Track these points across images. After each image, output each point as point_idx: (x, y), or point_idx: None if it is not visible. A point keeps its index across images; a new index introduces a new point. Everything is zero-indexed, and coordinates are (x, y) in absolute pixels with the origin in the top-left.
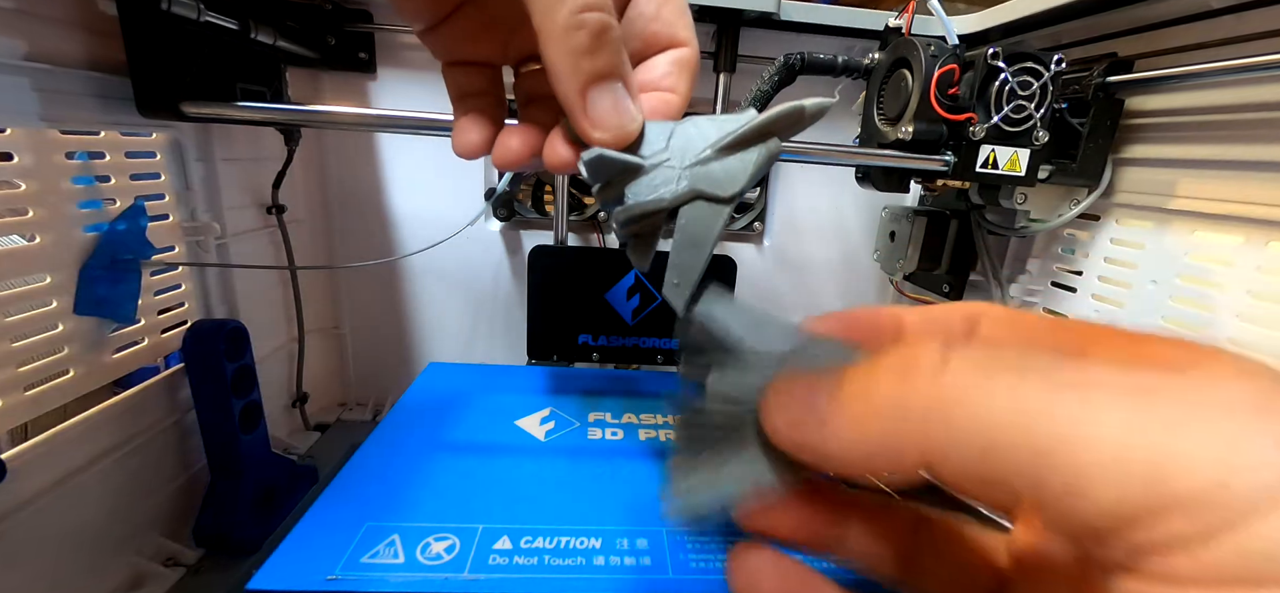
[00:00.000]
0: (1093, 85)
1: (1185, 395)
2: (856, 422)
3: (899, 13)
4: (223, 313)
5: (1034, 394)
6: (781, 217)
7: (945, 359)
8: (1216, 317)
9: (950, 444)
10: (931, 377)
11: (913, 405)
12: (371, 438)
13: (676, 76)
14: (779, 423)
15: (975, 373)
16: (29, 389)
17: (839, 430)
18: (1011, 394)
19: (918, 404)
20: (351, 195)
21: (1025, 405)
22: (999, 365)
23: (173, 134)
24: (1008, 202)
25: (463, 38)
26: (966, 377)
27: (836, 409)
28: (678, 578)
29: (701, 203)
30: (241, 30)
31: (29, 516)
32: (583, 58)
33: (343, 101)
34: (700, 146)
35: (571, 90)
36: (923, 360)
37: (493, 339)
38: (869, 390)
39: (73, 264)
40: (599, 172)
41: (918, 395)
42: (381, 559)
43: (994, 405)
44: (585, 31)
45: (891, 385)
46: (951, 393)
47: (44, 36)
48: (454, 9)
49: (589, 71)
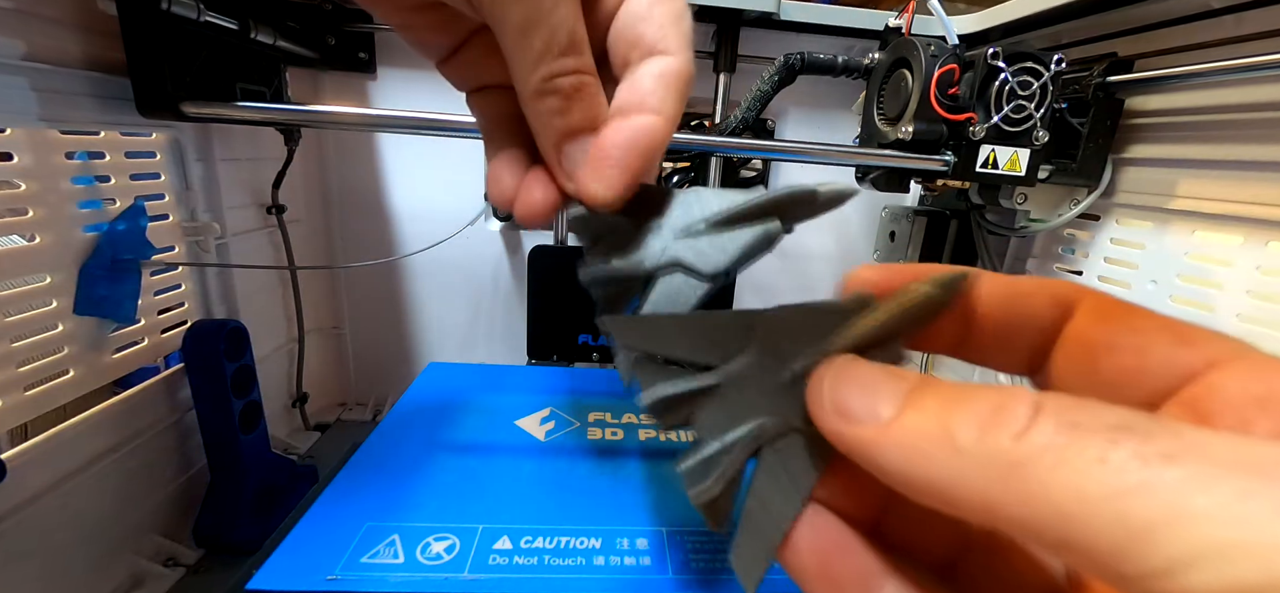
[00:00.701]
0: (1093, 85)
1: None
2: (920, 451)
3: (899, 13)
4: (223, 313)
5: (1129, 467)
6: None
7: (1034, 418)
8: (1216, 317)
9: (1025, 510)
10: (1015, 435)
11: (989, 461)
12: (371, 438)
13: (662, 95)
14: (828, 406)
15: (1064, 436)
16: (29, 389)
17: (898, 449)
18: (1102, 467)
19: (995, 461)
20: (351, 195)
21: (1118, 481)
22: (1090, 428)
23: (173, 134)
24: (1008, 202)
25: (479, 64)
26: (1054, 440)
27: (901, 426)
28: (678, 578)
29: (680, 275)
30: (241, 30)
31: (29, 516)
32: (555, 118)
33: (343, 101)
34: (696, 216)
35: (547, 147)
36: (1010, 414)
37: (493, 339)
38: (944, 426)
39: (73, 264)
40: (586, 229)
41: (996, 452)
42: (381, 559)
43: (1081, 478)
44: (557, 96)
45: (969, 431)
46: (1035, 458)
47: (44, 36)
48: (467, 38)
49: (561, 129)
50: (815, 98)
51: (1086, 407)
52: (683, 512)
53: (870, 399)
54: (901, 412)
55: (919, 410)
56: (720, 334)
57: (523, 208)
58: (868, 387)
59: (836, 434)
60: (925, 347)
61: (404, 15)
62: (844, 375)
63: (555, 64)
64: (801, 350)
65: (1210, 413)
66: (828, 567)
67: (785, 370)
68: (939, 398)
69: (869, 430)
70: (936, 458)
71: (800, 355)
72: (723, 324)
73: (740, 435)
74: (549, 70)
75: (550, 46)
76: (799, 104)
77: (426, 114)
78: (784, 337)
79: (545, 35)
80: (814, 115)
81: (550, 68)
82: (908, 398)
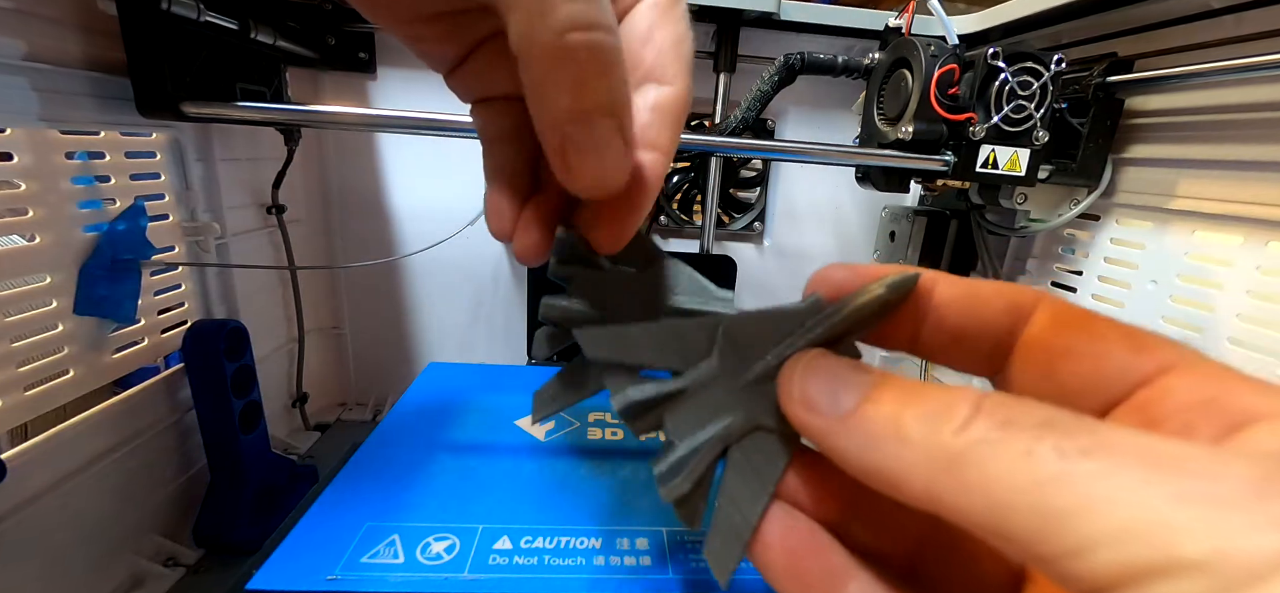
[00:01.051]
0: (1093, 85)
1: (1198, 468)
2: (874, 439)
3: (899, 13)
4: (223, 313)
5: (1049, 460)
6: (781, 216)
7: (973, 415)
8: (1216, 317)
9: (962, 498)
10: (956, 430)
11: (933, 451)
12: (371, 438)
13: (659, 127)
14: (796, 398)
15: (997, 432)
16: (29, 389)
17: (855, 437)
18: (1027, 459)
19: (938, 452)
20: (351, 195)
21: (1039, 472)
22: (1021, 425)
23: (173, 134)
24: (1008, 202)
25: (486, 74)
26: (988, 434)
27: (859, 417)
28: (678, 578)
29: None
30: (241, 30)
31: (29, 516)
32: (564, 93)
33: (343, 101)
34: (758, 354)
35: (546, 129)
36: (954, 410)
37: (493, 339)
38: (896, 419)
39: (73, 264)
40: (563, 250)
41: (939, 444)
42: (381, 559)
43: (1009, 469)
44: (570, 62)
45: (917, 425)
46: (971, 450)
47: (44, 36)
48: (474, 47)
49: (569, 109)
50: (815, 98)
51: (1020, 405)
52: None
53: (834, 391)
54: (860, 404)
55: (876, 404)
56: (686, 341)
57: (521, 245)
58: (833, 380)
59: (802, 423)
60: (882, 343)
61: (414, 27)
62: (811, 369)
63: (569, 9)
64: (762, 352)
65: (1159, 417)
66: (796, 563)
67: (748, 371)
68: (895, 393)
69: (830, 421)
70: (888, 448)
71: (761, 357)
72: (687, 330)
73: (709, 436)
74: (563, 18)
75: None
76: (799, 104)
77: (426, 114)
78: (745, 340)
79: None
80: (814, 115)
81: (565, 14)
82: (868, 392)
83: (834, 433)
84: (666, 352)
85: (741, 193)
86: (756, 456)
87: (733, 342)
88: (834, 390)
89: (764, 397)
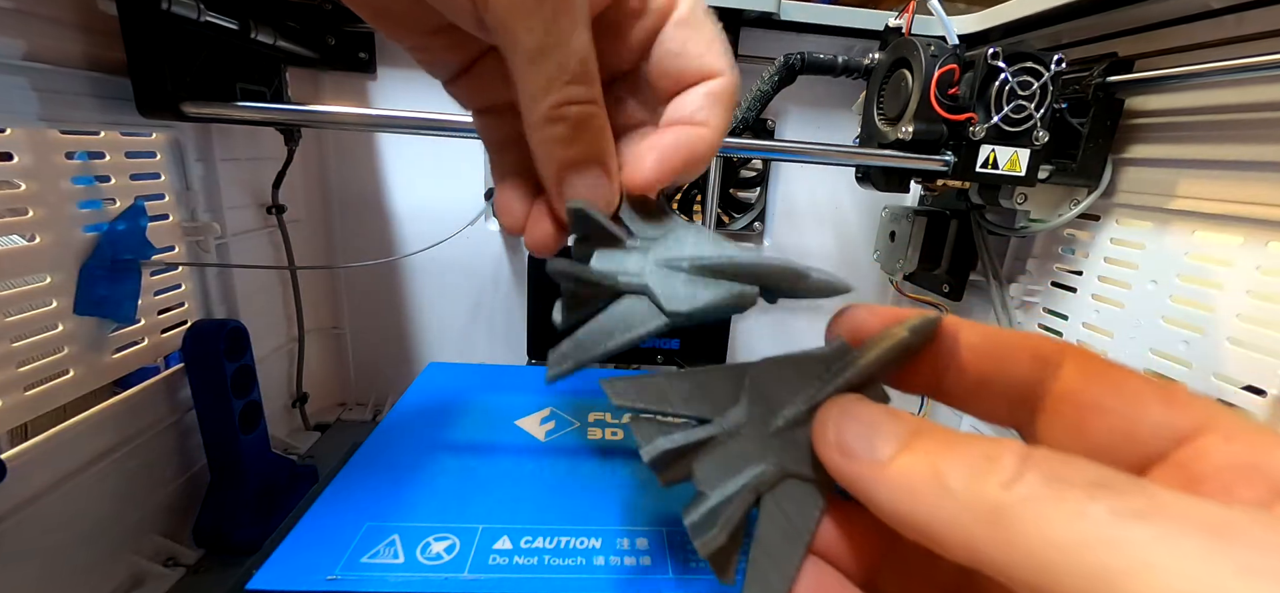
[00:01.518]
0: (1093, 85)
1: (1260, 538)
2: (912, 489)
3: (899, 13)
4: (223, 313)
5: (1102, 521)
6: (781, 216)
7: (1021, 470)
8: (1216, 317)
9: (1004, 553)
10: (1002, 484)
11: (975, 504)
12: (371, 438)
13: (709, 108)
14: (832, 443)
15: (1046, 488)
16: (29, 389)
17: (892, 488)
18: (1079, 519)
19: (981, 505)
20: (351, 195)
21: (1091, 533)
22: (1071, 483)
23: (173, 134)
24: (1008, 202)
25: (488, 85)
26: (1037, 490)
27: (898, 466)
28: (678, 578)
29: (644, 302)
30: (241, 30)
31: (29, 516)
32: (559, 147)
33: (343, 101)
34: (684, 253)
35: (548, 176)
36: (999, 463)
37: (493, 339)
38: (936, 469)
39: (73, 264)
40: (579, 224)
41: (982, 496)
42: (381, 559)
43: (1059, 527)
44: (564, 125)
45: (959, 476)
46: (1018, 506)
47: (44, 36)
48: (477, 57)
49: (563, 160)
50: (815, 98)
51: (1071, 462)
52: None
53: (870, 438)
54: (898, 453)
55: (914, 453)
56: (712, 389)
57: (533, 238)
58: (869, 426)
59: (838, 470)
60: (906, 387)
61: (419, 38)
62: (847, 414)
63: (565, 91)
64: (789, 399)
65: (1199, 477)
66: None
67: (777, 419)
68: (934, 442)
69: (867, 468)
70: (927, 499)
71: (789, 404)
72: (714, 379)
73: (740, 485)
74: (559, 97)
75: (561, 72)
76: (799, 104)
77: (426, 114)
78: (771, 387)
79: (557, 61)
80: (814, 115)
81: (560, 95)
82: (906, 440)
83: (871, 481)
84: (693, 400)
85: (741, 193)
86: (789, 505)
87: (759, 389)
88: (870, 437)
89: (794, 444)
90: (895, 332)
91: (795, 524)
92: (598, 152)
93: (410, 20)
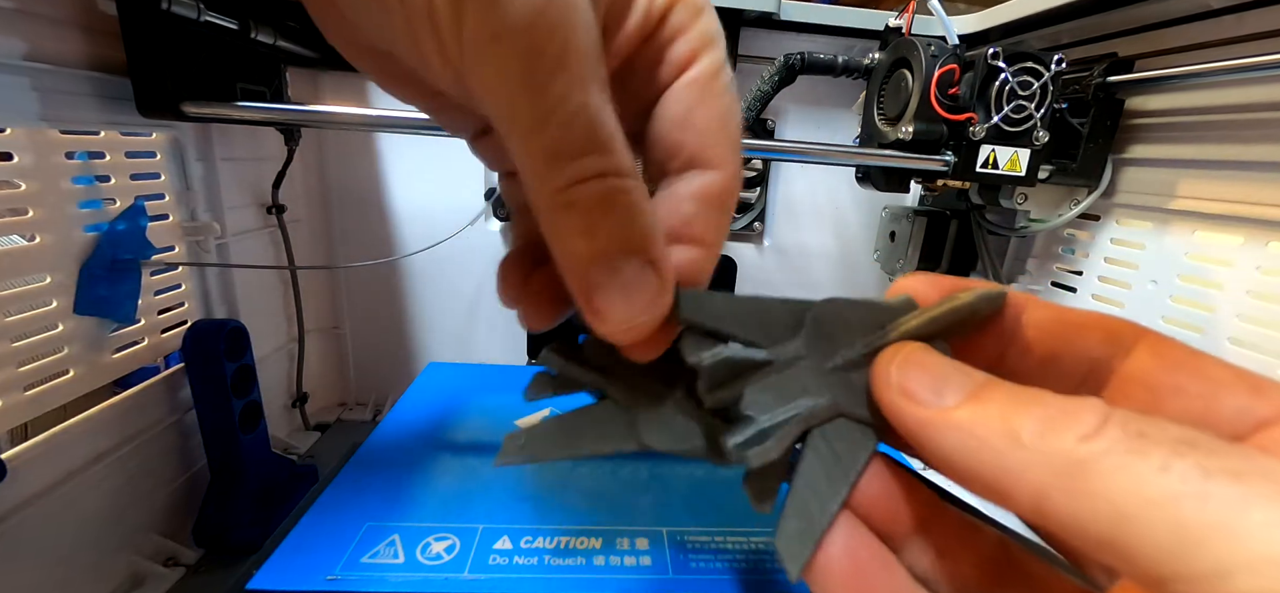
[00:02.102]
0: (1093, 85)
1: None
2: (980, 439)
3: (899, 13)
4: (223, 313)
5: (1191, 477)
6: (781, 216)
7: (1100, 425)
8: (1216, 317)
9: (1079, 506)
10: (1081, 437)
11: (1051, 456)
12: (371, 438)
13: (703, 220)
14: (895, 384)
15: (1131, 441)
16: (29, 389)
17: (958, 433)
18: (1164, 474)
19: (1057, 458)
20: (351, 195)
21: (1178, 488)
22: (1157, 440)
23: (173, 134)
24: (1008, 202)
25: (505, 149)
26: (1119, 444)
27: (965, 413)
28: (678, 578)
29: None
30: (241, 30)
31: (29, 516)
32: (575, 240)
33: (343, 101)
34: (846, 342)
35: (571, 281)
36: (1077, 417)
37: (492, 339)
38: (1008, 419)
39: (73, 264)
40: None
41: (1059, 449)
42: (381, 559)
43: (1142, 481)
44: (577, 211)
45: (1033, 428)
46: (1098, 459)
47: (44, 36)
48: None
49: (585, 255)
50: (815, 98)
51: (1153, 420)
52: (683, 512)
53: (936, 384)
54: (964, 401)
55: (984, 402)
56: (771, 317)
57: (527, 317)
58: (936, 373)
59: (898, 411)
60: (966, 358)
61: (427, 100)
62: (913, 359)
63: (575, 167)
64: (852, 340)
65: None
66: (863, 581)
67: (836, 357)
68: (1006, 394)
69: (932, 413)
70: (995, 448)
71: (851, 345)
72: (774, 310)
73: (792, 413)
74: (569, 175)
75: (566, 143)
76: (799, 104)
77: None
78: (834, 326)
79: (558, 129)
80: (814, 115)
81: (569, 172)
82: (974, 391)
83: (934, 426)
84: (750, 325)
85: (741, 193)
86: (839, 443)
87: (821, 326)
88: (936, 383)
89: (850, 385)
90: (963, 296)
91: (843, 462)
92: (632, 237)
93: (414, 84)
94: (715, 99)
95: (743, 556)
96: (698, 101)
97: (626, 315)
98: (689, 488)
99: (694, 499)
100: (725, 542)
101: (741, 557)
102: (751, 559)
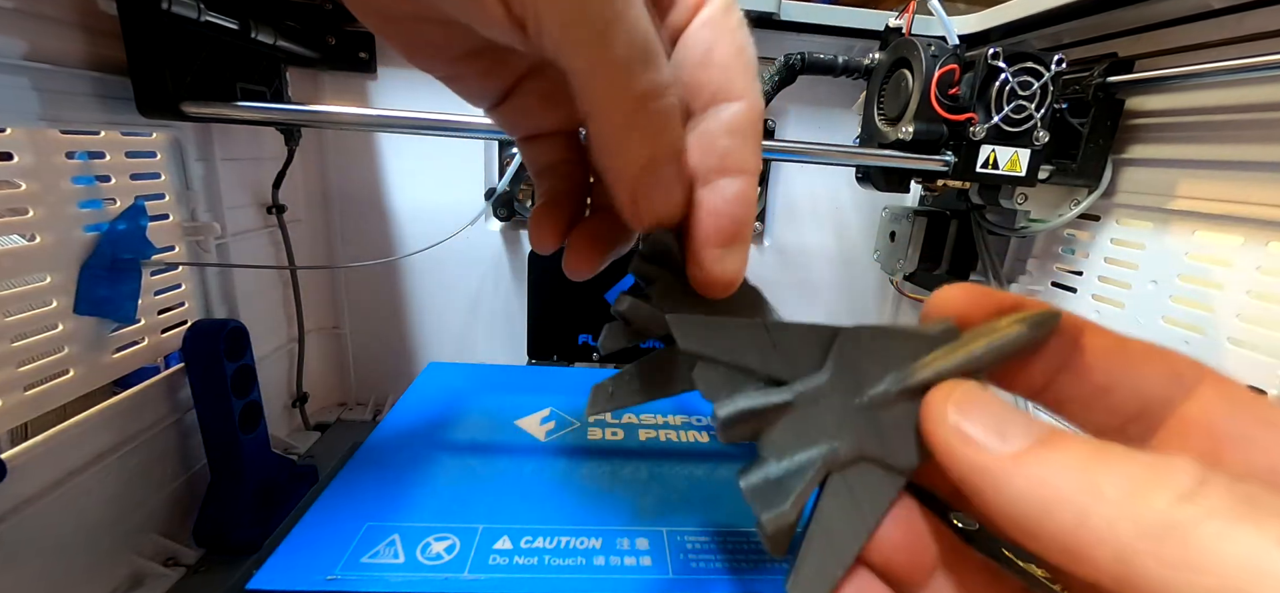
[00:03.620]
0: (1093, 85)
1: None
2: (1054, 490)
3: (899, 13)
4: (223, 313)
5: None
6: (781, 216)
7: (1199, 485)
8: (1216, 317)
9: (1176, 574)
10: (1177, 499)
11: (1140, 517)
12: (371, 438)
13: (742, 148)
14: (950, 425)
15: (1238, 507)
16: (29, 389)
17: (1027, 482)
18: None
19: (1148, 519)
20: (351, 195)
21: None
22: (1268, 508)
23: (173, 134)
24: (1008, 202)
25: (530, 111)
26: (1224, 508)
27: (1035, 459)
28: (678, 578)
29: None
30: (241, 30)
31: (29, 516)
32: (641, 147)
33: (343, 101)
34: (875, 377)
35: (624, 181)
36: (1171, 476)
37: (493, 339)
38: (1089, 472)
39: (73, 264)
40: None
41: (1150, 509)
42: (381, 559)
43: (1255, 552)
44: (648, 121)
45: (1120, 485)
46: (1199, 524)
47: (44, 36)
48: (514, 84)
49: (645, 159)
50: (815, 98)
51: (1259, 486)
52: (683, 512)
53: (1000, 429)
54: (1035, 447)
55: (1057, 450)
56: (793, 348)
57: (572, 266)
58: (998, 417)
59: (953, 455)
60: (1007, 385)
61: (453, 66)
62: (972, 400)
63: (644, 79)
64: (883, 375)
65: None
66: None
67: (863, 394)
68: (1082, 443)
69: (994, 458)
70: (1073, 502)
71: (881, 380)
72: (796, 337)
73: (810, 457)
74: (640, 87)
75: (634, 54)
76: (799, 104)
77: (426, 114)
78: (865, 358)
79: (624, 42)
80: (814, 115)
81: (642, 84)
82: (1044, 437)
83: (995, 474)
84: (771, 357)
85: None
86: (860, 489)
87: (850, 357)
88: (1000, 427)
89: (877, 426)
90: (1011, 326)
91: (862, 510)
92: (676, 143)
93: (443, 46)
94: (731, 34)
95: (743, 556)
96: (716, 39)
97: (663, 211)
98: (689, 488)
99: (694, 499)
100: (725, 542)
101: (742, 557)
102: (752, 559)
